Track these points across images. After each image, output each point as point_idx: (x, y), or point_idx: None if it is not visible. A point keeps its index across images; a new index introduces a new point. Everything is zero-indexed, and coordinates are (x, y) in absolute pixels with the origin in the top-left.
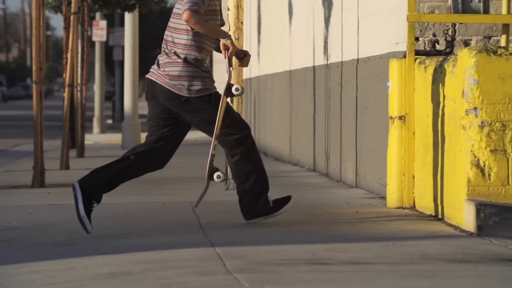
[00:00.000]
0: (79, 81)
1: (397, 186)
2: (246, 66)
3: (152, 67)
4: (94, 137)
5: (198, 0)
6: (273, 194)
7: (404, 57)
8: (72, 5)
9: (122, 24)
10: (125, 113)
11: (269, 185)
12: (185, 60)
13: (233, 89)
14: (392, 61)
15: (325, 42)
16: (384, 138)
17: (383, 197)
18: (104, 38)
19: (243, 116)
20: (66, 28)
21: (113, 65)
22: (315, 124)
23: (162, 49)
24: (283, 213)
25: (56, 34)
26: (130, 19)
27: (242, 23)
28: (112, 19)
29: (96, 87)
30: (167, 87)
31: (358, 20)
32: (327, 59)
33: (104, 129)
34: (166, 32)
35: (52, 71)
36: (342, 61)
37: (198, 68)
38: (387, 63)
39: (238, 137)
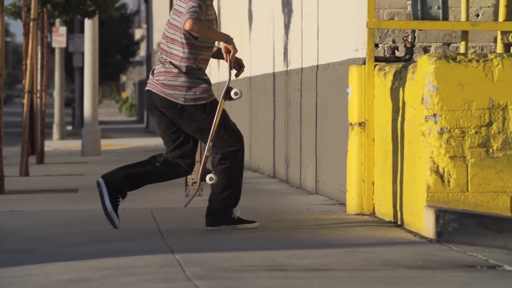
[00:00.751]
0: (38, 87)
1: (356, 193)
2: (239, 76)
3: (149, 77)
4: (54, 144)
5: (198, 10)
6: None
7: (364, 63)
8: (32, 11)
9: (82, 30)
10: (85, 120)
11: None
12: (180, 70)
13: (232, 93)
14: (352, 68)
15: (285, 49)
16: (344, 144)
17: (343, 204)
18: (64, 44)
19: None
20: (26, 34)
21: (73, 71)
22: (275, 131)
23: (158, 57)
24: (243, 229)
25: (16, 40)
26: (90, 26)
27: None
28: (72, 25)
29: (56, 94)
30: (163, 95)
31: (318, 26)
32: (287, 66)
33: (64, 135)
34: (161, 41)
35: (11, 77)
36: (302, 68)
37: (193, 77)
38: (347, 70)
39: (230, 149)
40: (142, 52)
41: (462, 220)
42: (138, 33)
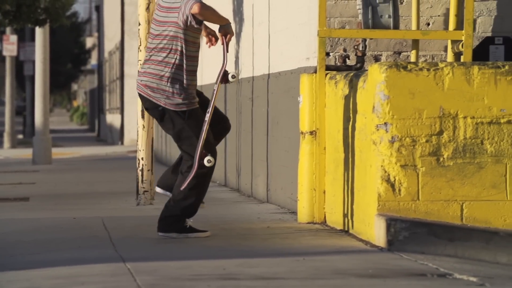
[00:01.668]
0: None
1: (308, 201)
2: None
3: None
4: (4, 152)
5: None
6: None
7: (315, 72)
8: None
9: (33, 38)
10: (36, 128)
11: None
12: (164, 75)
13: (229, 76)
14: (303, 76)
15: (236, 57)
16: (295, 153)
17: (294, 212)
18: (14, 53)
19: (154, 130)
20: None
21: (23, 80)
22: (226, 139)
23: (145, 57)
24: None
25: None
26: (41, 34)
27: None
28: (22, 34)
29: (7, 102)
30: (146, 96)
31: (269, 35)
32: (238, 74)
33: (15, 144)
34: (148, 40)
35: None
36: (253, 76)
37: (176, 84)
38: (298, 78)
39: (201, 161)
40: (93, 61)
41: (413, 229)
42: (89, 42)
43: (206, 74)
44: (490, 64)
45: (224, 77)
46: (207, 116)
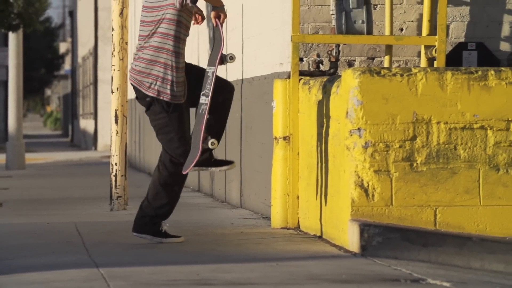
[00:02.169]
0: None
1: (281, 207)
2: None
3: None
4: None
5: None
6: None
7: (289, 77)
8: None
9: (6, 43)
10: (9, 134)
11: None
12: (158, 61)
13: (227, 57)
14: (277, 82)
15: None
16: (268, 158)
17: (268, 218)
18: None
19: (127, 136)
20: None
21: None
22: None
23: (138, 45)
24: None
25: None
26: (14, 39)
27: (126, 43)
28: None
29: None
30: (135, 84)
31: (242, 40)
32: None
33: None
34: (140, 28)
35: None
36: None
37: (168, 70)
38: (272, 84)
39: (176, 161)
40: (67, 66)
41: (386, 234)
42: (63, 47)
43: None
44: (463, 69)
45: (222, 59)
46: (204, 100)
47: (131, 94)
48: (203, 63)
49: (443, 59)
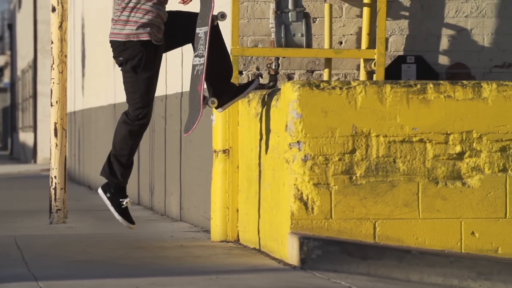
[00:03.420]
0: None
1: (221, 220)
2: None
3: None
4: None
5: None
6: (97, 228)
7: None
8: None
9: None
10: None
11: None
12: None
13: (219, 15)
14: None
15: None
16: (208, 171)
17: (208, 231)
18: None
19: (67, 149)
20: None
21: None
22: (140, 158)
23: (114, 17)
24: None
25: None
26: None
27: (66, 56)
28: None
29: None
30: (110, 38)
31: (182, 53)
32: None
33: None
34: (117, 2)
35: None
36: (166, 95)
37: (148, 15)
38: None
39: (137, 112)
40: (6, 79)
41: (325, 247)
42: (1, 60)
43: (120, 92)
44: (402, 83)
45: (213, 19)
46: (197, 61)
47: (71, 107)
48: None
49: (382, 72)
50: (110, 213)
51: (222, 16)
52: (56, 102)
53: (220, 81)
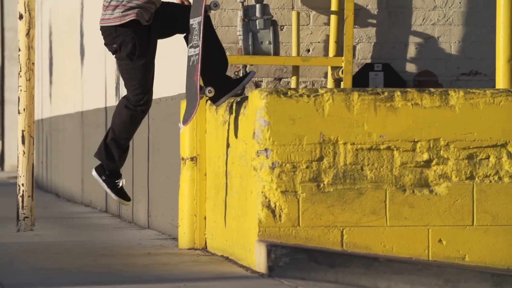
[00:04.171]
0: None
1: (188, 227)
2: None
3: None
4: None
5: None
6: (64, 236)
7: None
8: None
9: None
10: None
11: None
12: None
13: (211, 5)
14: (183, 102)
15: (117, 83)
16: (176, 179)
17: (175, 238)
18: None
19: (35, 157)
20: None
21: None
22: None
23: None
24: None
25: None
26: None
27: (33, 64)
28: None
29: None
30: (100, 24)
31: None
32: (119, 100)
33: None
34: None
35: None
36: None
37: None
38: (179, 104)
39: (136, 97)
40: None
41: (293, 255)
42: None
43: (87, 100)
44: (369, 90)
45: (207, 8)
46: (193, 51)
47: (38, 114)
48: (110, 85)
49: (350, 80)
50: (79, 221)
51: (215, 5)
52: (24, 109)
53: (216, 73)
